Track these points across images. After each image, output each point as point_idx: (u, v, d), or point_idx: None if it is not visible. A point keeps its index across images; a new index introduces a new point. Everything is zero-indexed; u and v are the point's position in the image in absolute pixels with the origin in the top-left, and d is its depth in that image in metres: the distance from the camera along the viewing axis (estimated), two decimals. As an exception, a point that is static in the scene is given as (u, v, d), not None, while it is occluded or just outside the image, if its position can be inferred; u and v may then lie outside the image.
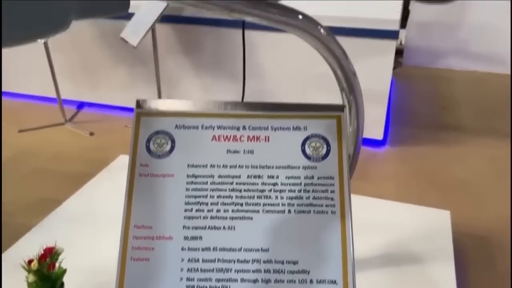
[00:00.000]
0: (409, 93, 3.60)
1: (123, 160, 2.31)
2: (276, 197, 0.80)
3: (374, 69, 2.46)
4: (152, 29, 2.54)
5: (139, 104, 0.86)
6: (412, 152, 2.71)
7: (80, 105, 3.27)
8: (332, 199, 0.80)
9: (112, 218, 0.97)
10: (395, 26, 2.42)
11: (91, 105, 3.26)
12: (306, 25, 0.94)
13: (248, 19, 1.05)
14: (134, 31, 2.49)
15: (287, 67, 2.69)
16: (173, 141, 0.84)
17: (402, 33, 3.88)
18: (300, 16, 0.93)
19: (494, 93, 3.52)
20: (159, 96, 2.84)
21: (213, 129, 0.85)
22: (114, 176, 2.17)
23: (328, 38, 0.96)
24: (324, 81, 0.99)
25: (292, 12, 0.94)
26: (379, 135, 2.71)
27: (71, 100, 3.21)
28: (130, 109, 3.14)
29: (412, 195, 2.28)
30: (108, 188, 2.02)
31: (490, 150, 2.69)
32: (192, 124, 0.85)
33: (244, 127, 0.85)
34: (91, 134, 2.88)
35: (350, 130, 1.07)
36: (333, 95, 1.04)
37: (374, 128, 2.67)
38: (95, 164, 2.30)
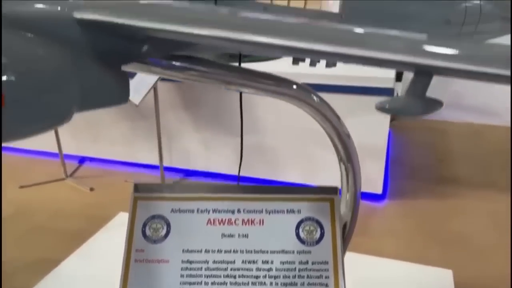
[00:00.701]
0: (406, 145, 3.63)
1: (122, 218, 2.32)
2: (271, 284, 0.81)
3: (371, 124, 2.50)
4: (154, 87, 2.60)
5: (137, 187, 0.88)
6: (412, 206, 2.71)
7: (82, 160, 3.30)
8: (326, 285, 0.80)
9: (108, 281, 0.97)
10: (390, 84, 2.49)
11: (92, 159, 3.28)
12: (300, 94, 0.97)
13: (244, 91, 1.09)
14: (136, 90, 2.54)
15: (286, 122, 2.73)
16: (168, 225, 0.85)
17: (398, 86, 3.94)
18: (294, 86, 0.97)
19: (491, 145, 3.55)
20: (160, 151, 2.87)
21: (209, 212, 0.86)
22: (113, 235, 2.18)
23: (322, 105, 0.99)
24: (322, 135, 1.02)
25: (286, 82, 0.97)
26: (378, 190, 2.72)
27: (72, 155, 3.24)
28: (130, 164, 3.17)
29: (413, 251, 2.26)
30: (106, 248, 2.02)
31: (488, 203, 2.68)
32: (187, 207, 0.86)
33: (239, 210, 0.86)
34: (91, 189, 2.89)
35: (347, 198, 1.08)
36: (330, 149, 1.06)
37: (373, 182, 2.68)
38: (94, 221, 2.31)
